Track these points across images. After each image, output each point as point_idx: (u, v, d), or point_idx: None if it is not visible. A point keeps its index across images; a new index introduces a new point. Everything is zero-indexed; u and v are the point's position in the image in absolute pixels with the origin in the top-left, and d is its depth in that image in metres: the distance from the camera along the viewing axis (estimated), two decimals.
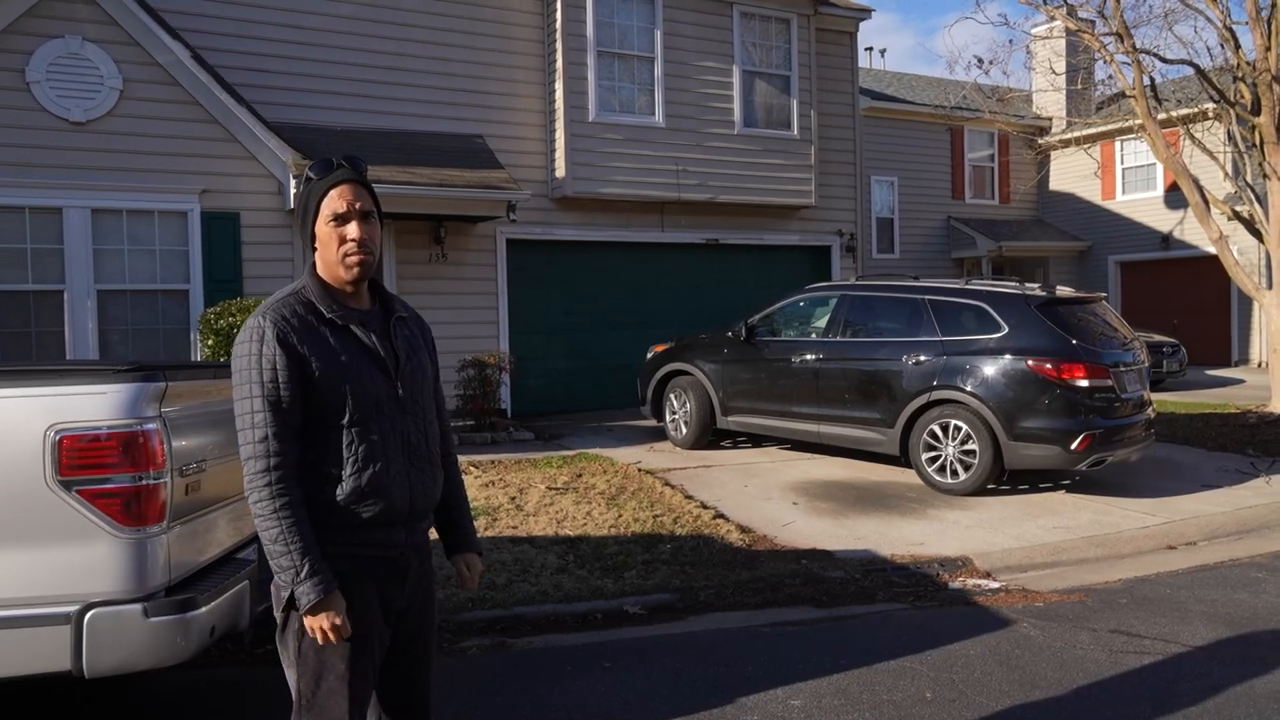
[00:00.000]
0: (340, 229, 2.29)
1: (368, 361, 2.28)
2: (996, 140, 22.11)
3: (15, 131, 8.99)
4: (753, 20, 13.39)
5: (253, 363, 2.18)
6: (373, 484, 2.24)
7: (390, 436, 2.28)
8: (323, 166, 2.34)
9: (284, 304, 2.25)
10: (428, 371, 2.45)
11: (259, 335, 2.19)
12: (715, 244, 13.74)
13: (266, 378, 2.17)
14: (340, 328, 2.27)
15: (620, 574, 5.80)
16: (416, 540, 2.39)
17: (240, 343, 2.21)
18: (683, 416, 10.03)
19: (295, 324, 2.21)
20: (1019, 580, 6.00)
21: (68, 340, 9.22)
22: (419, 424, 2.37)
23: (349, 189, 2.31)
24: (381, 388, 2.29)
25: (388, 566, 2.31)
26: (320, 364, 2.21)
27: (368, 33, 11.39)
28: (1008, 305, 8.05)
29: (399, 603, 2.36)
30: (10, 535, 2.82)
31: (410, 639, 2.42)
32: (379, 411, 2.27)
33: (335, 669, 2.22)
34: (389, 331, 2.36)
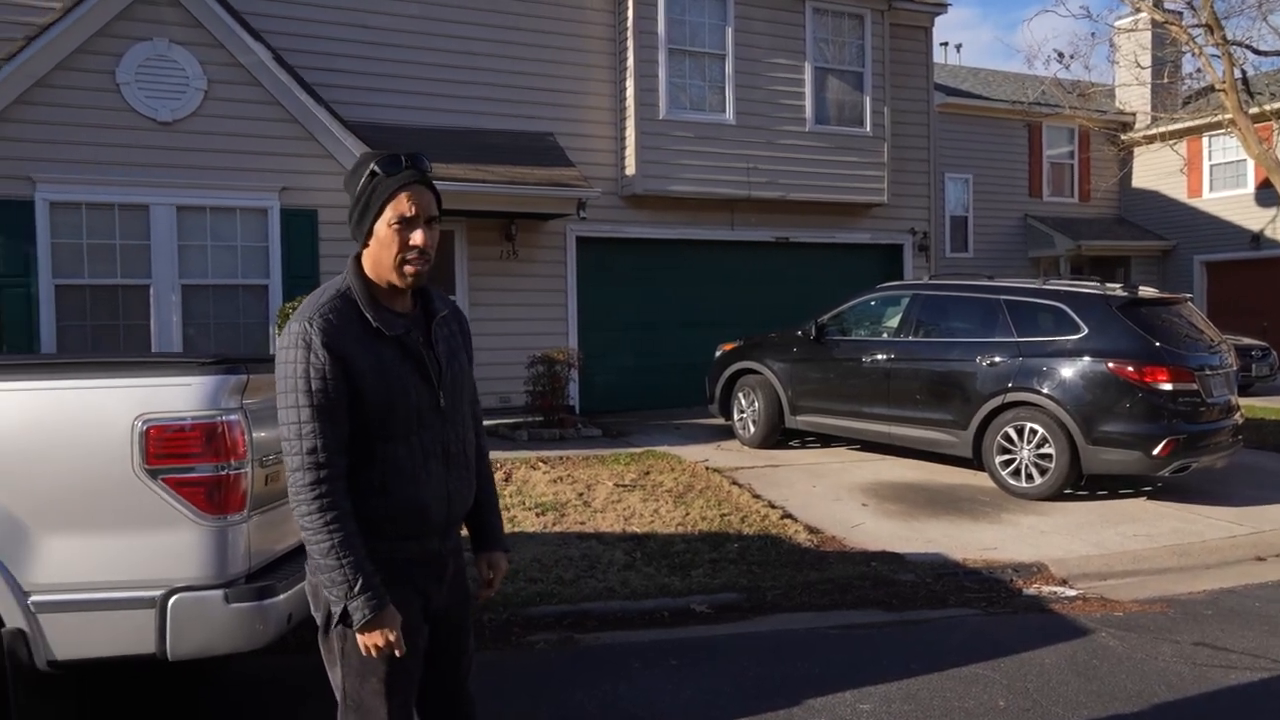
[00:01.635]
0: (405, 233, 2.19)
1: (412, 372, 2.23)
2: (1077, 136, 21.51)
3: (106, 131, 9.32)
4: (825, 16, 13.24)
5: (299, 370, 2.11)
6: (413, 496, 2.21)
7: (431, 446, 2.25)
8: (391, 163, 2.21)
9: (328, 307, 2.17)
10: (467, 374, 2.41)
11: (304, 341, 2.11)
12: (785, 242, 13.63)
13: (315, 386, 2.10)
14: (384, 335, 2.20)
15: (687, 572, 5.79)
16: (452, 543, 2.38)
17: (285, 348, 2.14)
18: (751, 415, 9.97)
19: (342, 329, 2.14)
20: (1097, 589, 5.83)
21: (153, 333, 9.55)
22: (458, 432, 2.33)
23: (417, 192, 2.21)
24: (424, 398, 2.24)
25: (426, 570, 2.30)
26: (367, 373, 2.15)
27: (441, 32, 11.55)
28: (1088, 306, 7.83)
29: (437, 603, 2.35)
30: (100, 521, 2.92)
31: (449, 638, 2.42)
32: (420, 422, 2.23)
33: (378, 670, 2.20)
34: (431, 337, 2.30)
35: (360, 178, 2.24)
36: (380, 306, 2.23)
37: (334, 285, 2.25)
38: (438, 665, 2.41)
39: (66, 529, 2.92)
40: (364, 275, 2.25)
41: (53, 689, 2.99)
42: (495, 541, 2.53)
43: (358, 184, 2.24)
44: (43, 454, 2.93)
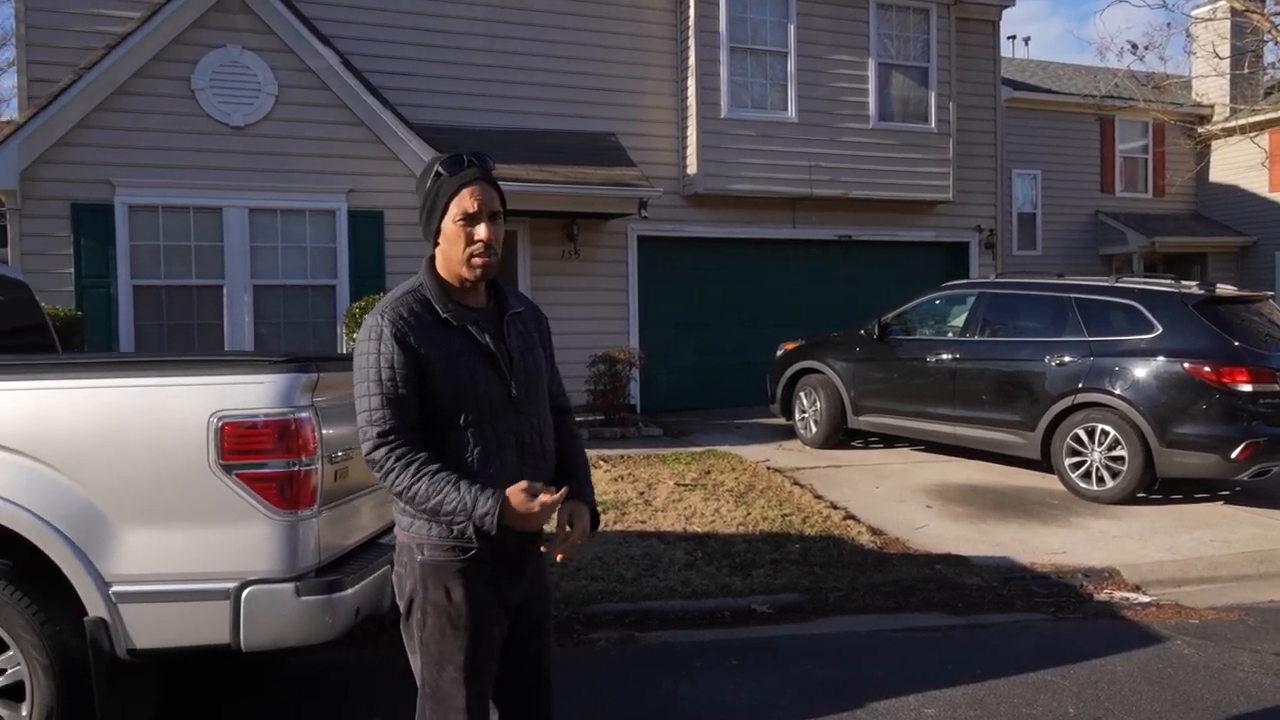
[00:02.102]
0: (469, 229, 2.28)
1: (482, 362, 2.28)
2: (1151, 130, 20.89)
3: (182, 136, 9.61)
4: (889, 11, 13.07)
5: (371, 361, 2.21)
6: (486, 485, 2.22)
7: (504, 437, 2.29)
8: (454, 163, 2.32)
9: (401, 302, 2.27)
10: (541, 368, 2.44)
11: (377, 334, 2.22)
12: (847, 240, 13.49)
13: (385, 376, 2.20)
14: (455, 328, 2.27)
15: (748, 572, 5.76)
16: (530, 536, 2.37)
17: (360, 340, 2.26)
18: (812, 415, 9.89)
19: (412, 323, 2.23)
20: (1171, 595, 5.66)
21: (225, 332, 9.81)
22: (533, 422, 2.36)
23: (480, 189, 2.29)
24: (495, 388, 2.29)
25: (503, 561, 2.33)
26: (435, 364, 2.22)
27: (503, 34, 11.66)
28: (1162, 304, 7.61)
29: (516, 598, 2.39)
30: (177, 515, 3.01)
31: (530, 633, 2.45)
32: (493, 412, 2.28)
33: (455, 660, 2.26)
34: (503, 330, 2.36)
35: (427, 179, 2.34)
36: (452, 301, 2.31)
37: (408, 283, 2.36)
38: (518, 660, 2.44)
39: (145, 522, 3.01)
40: (436, 274, 2.35)
41: (132, 677, 3.09)
42: (580, 495, 2.43)
43: (425, 186, 2.34)
44: (123, 449, 3.02)
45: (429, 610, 2.29)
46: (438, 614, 2.28)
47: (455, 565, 2.28)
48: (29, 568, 3.05)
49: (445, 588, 2.28)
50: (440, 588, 2.28)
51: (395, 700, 4.01)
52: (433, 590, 2.29)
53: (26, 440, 3.03)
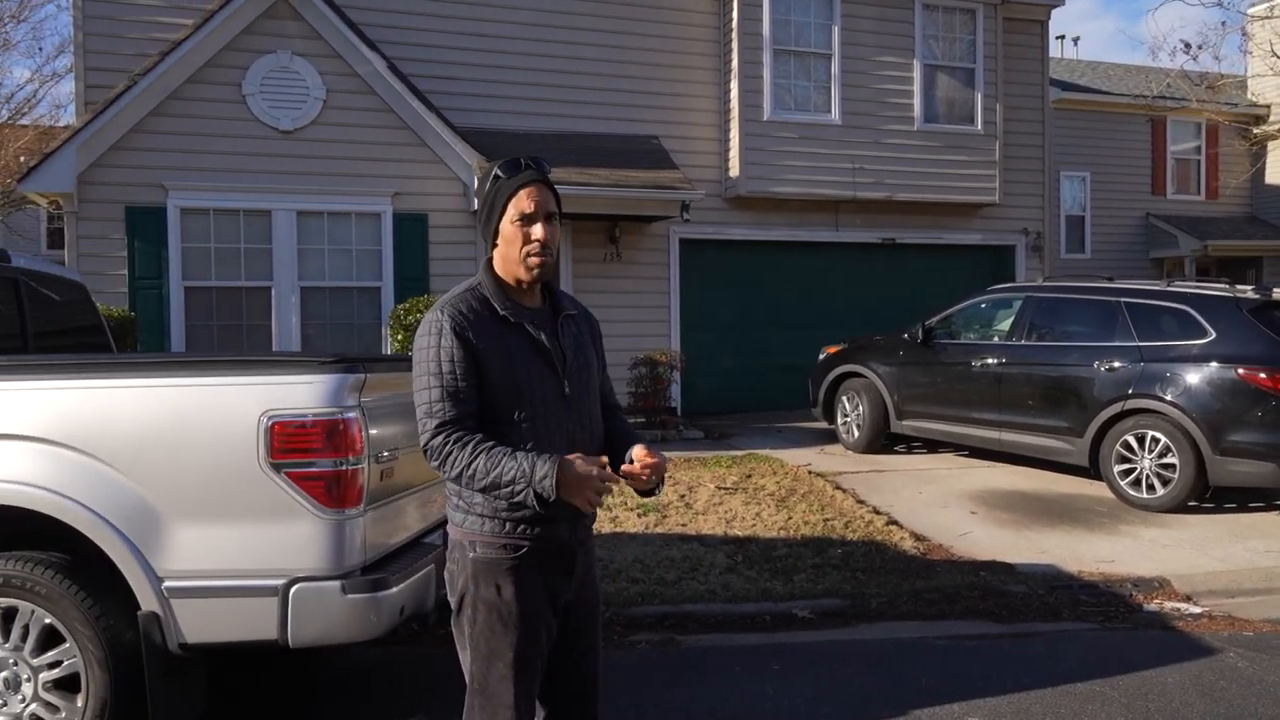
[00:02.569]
0: (526, 229, 2.33)
1: (537, 359, 2.33)
2: (1204, 131, 20.44)
3: (232, 140, 9.80)
4: (935, 12, 12.94)
5: (431, 355, 2.27)
6: None
7: (556, 433, 2.33)
8: (512, 166, 2.38)
9: (460, 299, 2.33)
10: (594, 368, 2.48)
11: (437, 329, 2.28)
12: (891, 243, 13.37)
13: (445, 369, 2.26)
14: (513, 325, 2.33)
15: (789, 577, 5.74)
16: (581, 534, 2.43)
17: (420, 335, 2.32)
18: (855, 419, 9.81)
19: (471, 319, 2.29)
20: (1224, 606, 5.54)
21: (274, 333, 9.98)
22: (584, 420, 2.41)
23: (537, 190, 2.35)
24: (549, 384, 2.33)
25: (554, 559, 2.36)
26: (492, 359, 2.28)
27: (546, 38, 11.73)
28: (1215, 308, 7.44)
29: (565, 596, 2.41)
30: (227, 512, 3.07)
31: (578, 632, 2.47)
32: (546, 408, 2.32)
33: (504, 656, 2.30)
34: (557, 330, 2.41)
35: (487, 182, 2.41)
36: (509, 300, 2.37)
37: (468, 282, 2.41)
38: (566, 659, 2.47)
39: (197, 519, 3.07)
40: (495, 274, 2.41)
41: (183, 671, 3.15)
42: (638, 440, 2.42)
43: (485, 188, 2.41)
44: (176, 447, 3.09)
45: (480, 607, 2.33)
46: (488, 611, 2.32)
47: (506, 563, 2.31)
48: (85, 563, 3.13)
49: (496, 584, 2.31)
50: (491, 585, 2.31)
51: (438, 697, 4.05)
52: (484, 587, 2.32)
53: (83, 437, 3.10)
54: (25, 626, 3.16)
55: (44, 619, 3.14)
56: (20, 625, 3.16)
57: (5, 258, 4.57)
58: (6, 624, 3.17)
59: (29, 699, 3.17)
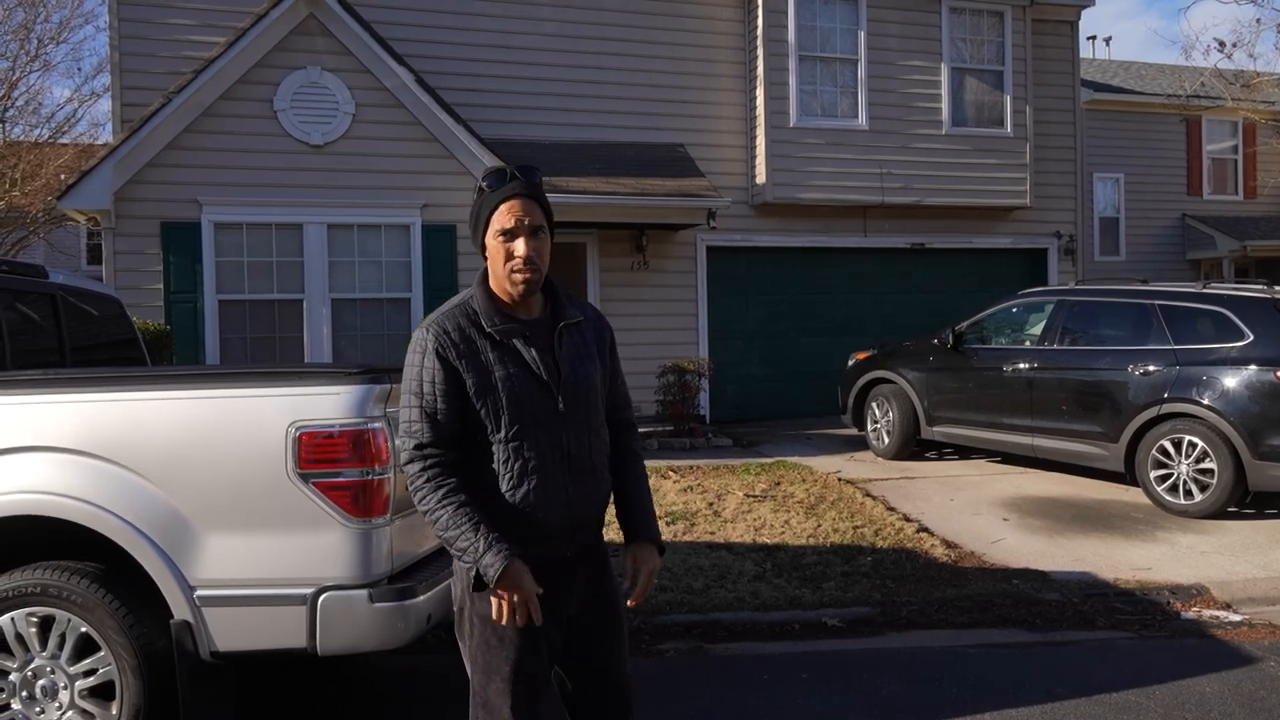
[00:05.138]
0: (508, 244, 2.28)
1: (527, 377, 2.28)
2: (1240, 130, 20.13)
3: (264, 156, 9.94)
4: (963, 15, 12.86)
5: (413, 374, 2.26)
6: (526, 500, 2.26)
7: (548, 451, 2.28)
8: (496, 178, 2.31)
9: (448, 316, 2.30)
10: (594, 382, 2.39)
11: (421, 348, 2.27)
12: (920, 248, 13.28)
13: (425, 390, 2.24)
14: (500, 343, 2.28)
15: (818, 584, 5.70)
16: (580, 548, 2.37)
17: (408, 353, 2.31)
18: (885, 426, 9.74)
19: (455, 338, 2.26)
20: (1265, 614, 5.43)
21: (305, 344, 10.09)
22: (581, 437, 2.34)
23: (519, 204, 2.28)
24: (541, 402, 2.28)
25: (551, 575, 2.28)
26: (475, 379, 2.24)
27: (572, 49, 11.80)
28: (1253, 310, 7.31)
29: (568, 609, 2.37)
30: (256, 522, 3.11)
31: (596, 642, 2.43)
32: (537, 425, 2.27)
33: (501, 670, 2.28)
34: (554, 342, 2.34)
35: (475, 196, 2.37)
36: (501, 314, 2.32)
37: (459, 297, 2.39)
38: (587, 670, 2.44)
39: (227, 528, 3.12)
40: (488, 288, 2.37)
41: (215, 678, 3.19)
42: (641, 532, 2.46)
43: (473, 201, 2.38)
44: (207, 458, 3.13)
45: (475, 621, 2.31)
46: (483, 624, 2.29)
47: None
48: (119, 572, 3.19)
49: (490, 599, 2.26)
50: (486, 599, 2.26)
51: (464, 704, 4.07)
52: (479, 601, 2.28)
53: (117, 448, 3.16)
54: (62, 635, 3.22)
55: (80, 627, 3.19)
56: (57, 634, 3.22)
57: (43, 274, 4.67)
58: (44, 632, 3.23)
59: (65, 706, 3.22)
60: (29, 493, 3.18)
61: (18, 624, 3.22)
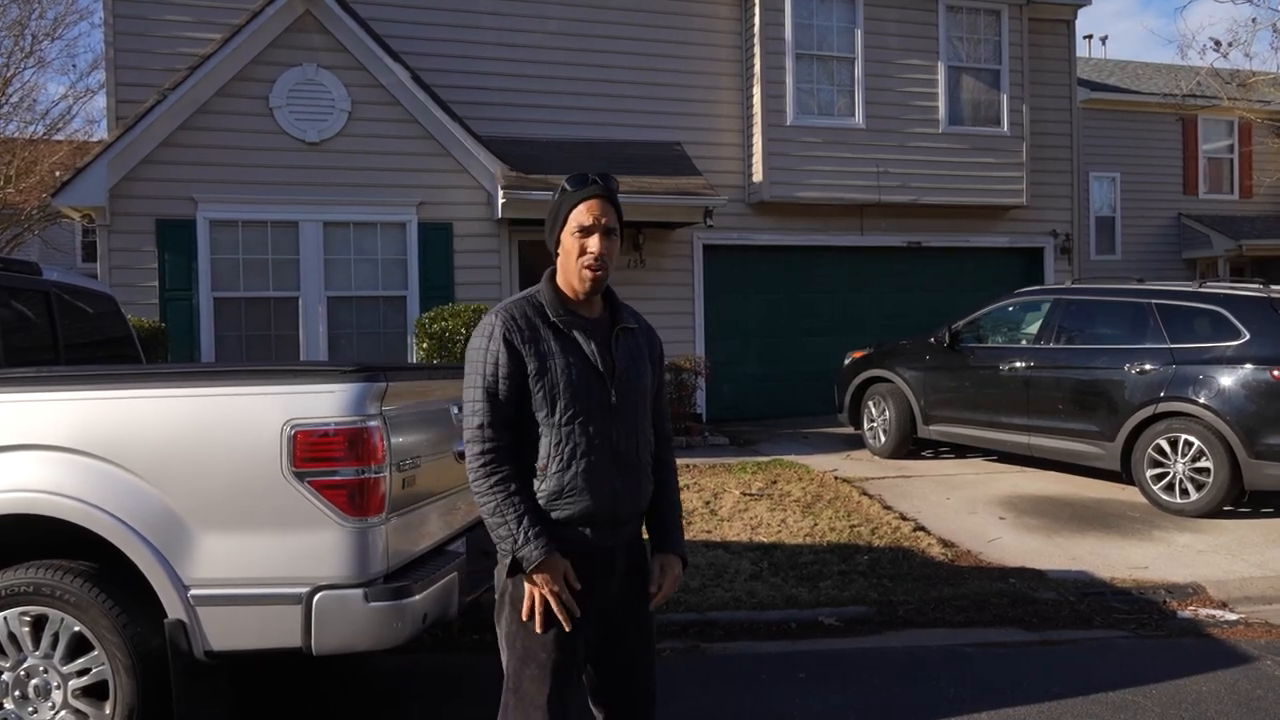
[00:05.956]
0: (583, 240, 2.41)
1: (584, 366, 2.39)
2: (1236, 129, 20.15)
3: (260, 153, 9.91)
4: (959, 14, 12.85)
5: (479, 356, 2.37)
6: (574, 484, 2.35)
7: (598, 441, 2.38)
8: (578, 180, 2.45)
9: (516, 305, 2.42)
10: (645, 382, 2.52)
11: (488, 333, 2.37)
12: (917, 247, 13.28)
13: (488, 371, 2.35)
14: (563, 333, 2.40)
15: (815, 584, 5.70)
16: (621, 540, 2.47)
17: (474, 336, 2.41)
18: (881, 424, 9.74)
19: (522, 324, 2.37)
20: (1261, 613, 5.43)
21: (301, 342, 10.06)
22: (630, 432, 2.44)
23: (597, 204, 2.42)
24: (596, 393, 2.39)
25: (592, 562, 2.39)
26: (537, 365, 2.35)
27: (569, 47, 11.77)
28: (1249, 309, 7.32)
29: (604, 599, 2.44)
30: (251, 521, 3.09)
31: (626, 632, 2.49)
32: (589, 415, 2.37)
33: (537, 657, 2.34)
34: (611, 341, 2.46)
35: (554, 196, 2.48)
36: (565, 309, 2.45)
37: (528, 290, 2.50)
38: (614, 660, 2.50)
39: (221, 527, 3.10)
40: (555, 284, 2.49)
41: (209, 678, 3.18)
42: (668, 544, 2.58)
43: (553, 201, 2.47)
44: (201, 456, 3.12)
45: (514, 605, 2.37)
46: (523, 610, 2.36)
47: (568, 552, 2.34)
48: (113, 571, 3.17)
49: None
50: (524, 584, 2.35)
51: (462, 703, 4.06)
52: (518, 585, 2.36)
53: (110, 447, 3.14)
54: (55, 634, 3.20)
55: (73, 627, 3.18)
56: (50, 633, 3.20)
57: (38, 271, 4.65)
58: (37, 632, 3.21)
59: (58, 706, 3.20)
60: (22, 491, 3.17)
61: (10, 623, 3.21)
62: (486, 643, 4.75)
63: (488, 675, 4.46)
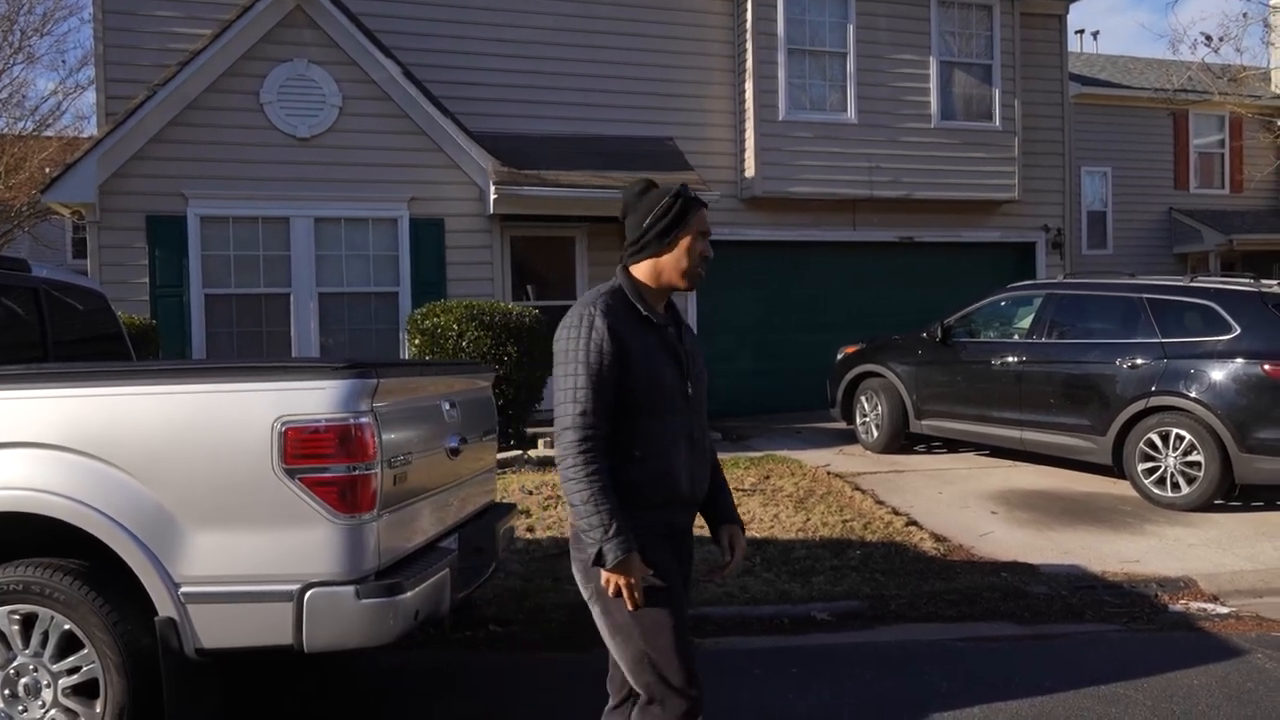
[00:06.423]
0: (702, 244, 2.58)
1: (669, 359, 2.54)
2: (1227, 124, 20.20)
3: (251, 149, 9.87)
4: (951, 9, 12.86)
5: (580, 344, 2.43)
6: (665, 468, 2.50)
7: (679, 428, 2.53)
8: (687, 189, 2.61)
9: (608, 297, 2.52)
10: (706, 375, 2.71)
11: (588, 321, 2.44)
12: (909, 242, 13.29)
13: (593, 359, 2.42)
14: (653, 325, 2.53)
15: (808, 579, 5.70)
16: (690, 523, 2.68)
17: (569, 327, 2.47)
18: (874, 419, 9.75)
19: (620, 314, 2.49)
20: (1252, 606, 5.46)
21: (293, 339, 10.04)
22: (700, 421, 2.61)
23: (705, 214, 2.60)
24: (677, 385, 2.54)
25: (673, 544, 2.57)
26: (636, 354, 2.47)
27: (561, 42, 11.73)
28: (1240, 304, 7.35)
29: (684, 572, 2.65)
30: (242, 518, 3.08)
31: None
32: (672, 405, 2.52)
33: (667, 624, 2.44)
34: (680, 336, 2.63)
35: (662, 199, 2.56)
36: (646, 305, 2.58)
37: (608, 285, 2.59)
38: None
39: (212, 525, 3.09)
40: (635, 281, 2.60)
41: (200, 676, 3.16)
42: (730, 516, 2.78)
43: (660, 204, 2.55)
44: (191, 453, 3.10)
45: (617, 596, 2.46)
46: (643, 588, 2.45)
47: (656, 530, 2.50)
48: (103, 569, 3.15)
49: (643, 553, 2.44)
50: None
51: (455, 700, 4.05)
52: None
53: (100, 444, 3.13)
54: (45, 633, 3.18)
55: (63, 625, 3.16)
56: (40, 631, 3.19)
57: (27, 268, 4.62)
58: (26, 630, 3.20)
59: (48, 705, 3.19)
60: (11, 489, 3.15)
61: (0, 622, 3.19)
62: (479, 639, 4.75)
63: (480, 672, 4.47)
